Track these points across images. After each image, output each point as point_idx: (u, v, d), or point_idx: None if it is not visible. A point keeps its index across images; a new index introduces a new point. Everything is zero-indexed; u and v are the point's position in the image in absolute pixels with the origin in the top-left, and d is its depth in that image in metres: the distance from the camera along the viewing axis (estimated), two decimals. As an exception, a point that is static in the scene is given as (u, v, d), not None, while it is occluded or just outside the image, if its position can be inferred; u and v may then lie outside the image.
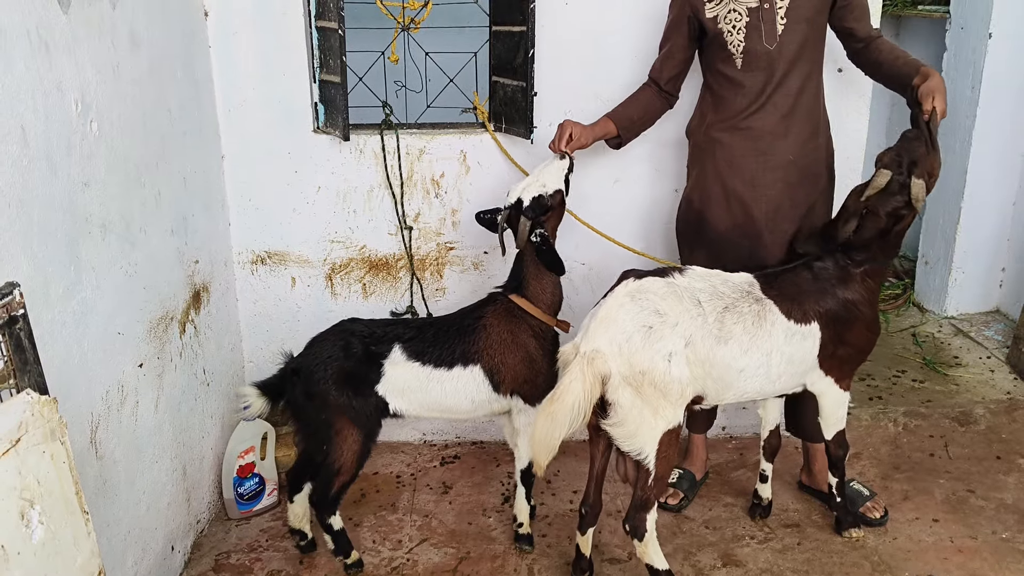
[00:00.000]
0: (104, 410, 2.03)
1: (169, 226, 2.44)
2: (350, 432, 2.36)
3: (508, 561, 2.54)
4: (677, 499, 2.78)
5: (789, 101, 2.44)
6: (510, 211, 2.44)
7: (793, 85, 2.43)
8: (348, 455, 2.37)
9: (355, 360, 2.35)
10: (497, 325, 2.44)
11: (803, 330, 2.30)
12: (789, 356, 2.29)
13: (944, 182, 4.12)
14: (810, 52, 2.43)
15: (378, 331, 2.42)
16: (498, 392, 2.45)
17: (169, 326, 2.42)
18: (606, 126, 2.61)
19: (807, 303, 2.31)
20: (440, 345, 2.41)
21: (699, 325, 2.14)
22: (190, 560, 2.54)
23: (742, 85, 2.44)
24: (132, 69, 2.19)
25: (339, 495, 2.42)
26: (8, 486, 1.10)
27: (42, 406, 1.15)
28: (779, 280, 2.34)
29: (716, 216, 2.54)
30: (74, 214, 1.90)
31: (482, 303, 2.52)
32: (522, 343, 2.44)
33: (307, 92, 2.87)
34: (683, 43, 2.53)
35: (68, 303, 1.87)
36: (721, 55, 2.45)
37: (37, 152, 1.75)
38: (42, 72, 1.77)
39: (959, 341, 3.93)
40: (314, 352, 2.39)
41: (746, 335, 2.21)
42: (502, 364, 2.43)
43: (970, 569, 2.45)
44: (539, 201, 2.42)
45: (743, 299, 2.24)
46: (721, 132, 2.50)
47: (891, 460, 3.04)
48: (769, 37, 2.38)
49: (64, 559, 1.20)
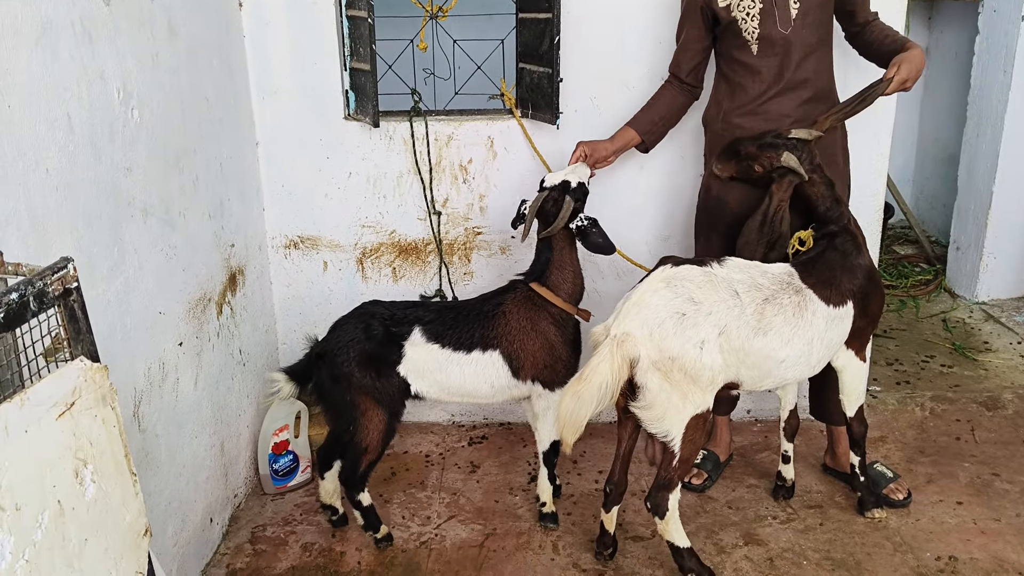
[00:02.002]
0: (146, 385, 2.12)
1: (207, 210, 2.52)
2: (375, 412, 2.43)
3: (533, 538, 2.60)
4: (701, 479, 2.82)
5: (806, 85, 2.46)
6: (552, 192, 2.48)
7: (809, 68, 2.45)
8: (374, 434, 2.44)
9: (376, 342, 2.41)
10: (516, 312, 2.48)
11: (840, 312, 2.34)
12: (829, 341, 2.33)
13: (975, 167, 4.09)
14: (823, 35, 2.46)
15: (399, 313, 2.47)
16: (517, 378, 2.49)
17: (207, 307, 2.51)
18: (626, 135, 2.67)
19: (842, 284, 2.35)
20: (460, 329, 2.45)
21: (735, 316, 2.16)
22: (228, 532, 2.64)
23: (758, 71, 2.47)
24: (170, 58, 2.28)
25: (367, 473, 2.50)
26: (64, 446, 1.18)
27: (94, 373, 1.23)
28: (816, 266, 2.36)
29: (735, 200, 2.56)
30: (117, 198, 1.99)
31: (503, 290, 2.57)
32: (542, 330, 2.48)
33: (338, 80, 2.94)
34: (698, 33, 2.55)
35: (112, 283, 1.96)
36: (736, 42, 2.48)
37: (82, 138, 1.83)
38: (86, 62, 1.85)
39: (989, 327, 3.90)
40: (337, 336, 2.45)
41: (787, 326, 2.23)
42: (521, 351, 2.47)
43: (992, 551, 2.46)
44: (581, 188, 2.49)
45: (783, 291, 2.26)
46: (740, 118, 2.53)
47: (916, 444, 3.05)
48: (783, 22, 2.40)
49: (114, 517, 1.28)
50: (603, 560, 2.47)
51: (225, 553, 2.54)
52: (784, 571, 2.41)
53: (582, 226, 2.46)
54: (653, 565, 2.46)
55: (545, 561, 2.49)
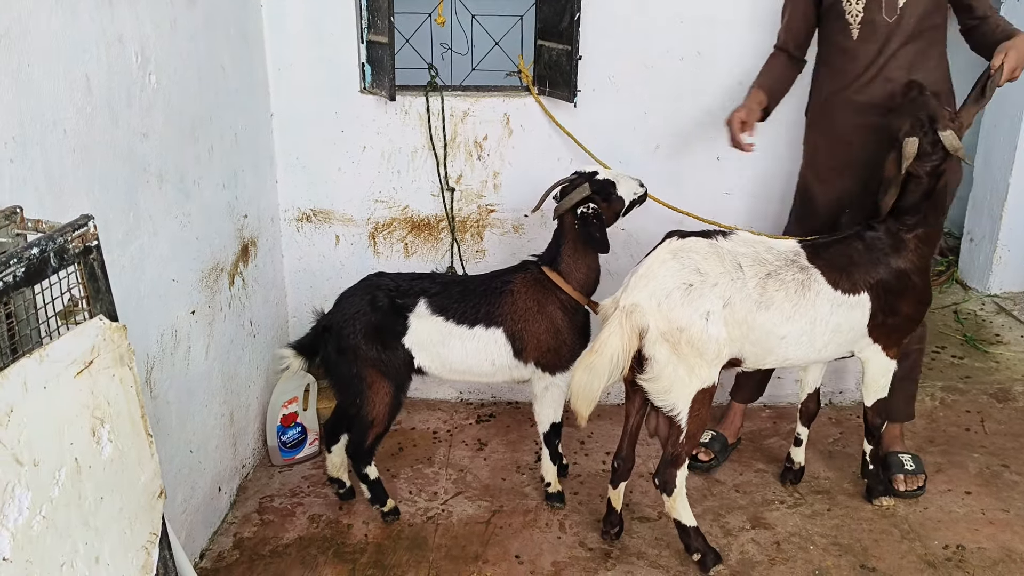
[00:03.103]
0: (159, 352, 2.12)
1: (221, 180, 2.51)
2: (381, 385, 2.42)
3: (540, 516, 2.60)
4: (708, 457, 2.82)
5: (901, 75, 2.42)
6: (579, 177, 2.47)
7: (905, 59, 2.42)
8: (380, 407, 2.43)
9: (381, 313, 2.40)
10: (523, 293, 2.46)
11: (851, 300, 2.31)
12: (835, 326, 2.30)
13: (991, 158, 4.05)
14: (930, 26, 2.41)
15: (404, 285, 2.45)
16: (519, 359, 2.47)
17: (219, 277, 2.51)
18: (758, 96, 2.59)
19: (857, 273, 2.32)
20: (465, 303, 2.44)
21: (738, 288, 2.17)
22: (236, 502, 2.65)
23: (855, 56, 2.45)
24: (188, 25, 2.26)
25: (373, 446, 2.50)
26: (82, 404, 1.18)
27: (112, 332, 1.23)
28: (828, 250, 2.34)
29: (823, 195, 2.59)
30: (133, 163, 1.98)
31: (513, 269, 2.55)
32: (548, 314, 2.45)
33: (355, 53, 2.91)
34: (804, 12, 2.55)
35: (127, 248, 1.95)
36: (837, 25, 2.46)
37: (100, 101, 1.82)
38: (105, 24, 1.83)
39: (1001, 319, 3.88)
40: (342, 308, 2.44)
41: (788, 303, 2.22)
42: (525, 331, 2.45)
43: (1000, 541, 2.46)
44: (608, 185, 2.45)
45: (787, 267, 2.26)
46: (831, 106, 2.52)
47: (926, 434, 3.04)
48: (889, 9, 2.38)
49: (130, 476, 1.28)
50: (609, 539, 2.47)
51: (233, 522, 2.55)
52: (791, 555, 2.41)
53: (585, 213, 2.42)
54: (659, 545, 2.46)
55: (552, 539, 2.49)
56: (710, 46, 2.88)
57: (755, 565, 2.38)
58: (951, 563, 2.37)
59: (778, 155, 2.96)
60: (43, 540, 1.11)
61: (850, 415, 3.17)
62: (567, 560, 2.40)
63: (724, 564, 2.36)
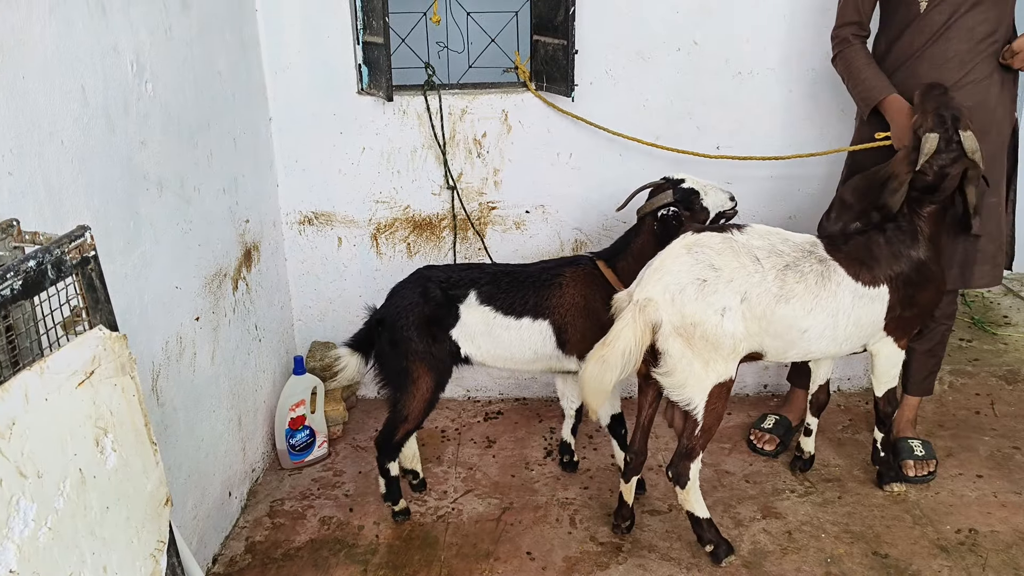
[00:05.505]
0: (164, 360, 2.12)
1: (221, 185, 2.51)
2: (424, 381, 2.44)
3: (550, 512, 2.60)
4: (773, 445, 2.82)
5: (965, 47, 2.38)
6: (668, 181, 2.49)
7: (973, 28, 2.37)
8: (418, 404, 2.45)
9: (434, 304, 2.42)
10: (573, 286, 2.47)
11: (871, 293, 2.29)
12: (857, 319, 2.28)
13: (997, 139, 4.02)
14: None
15: (455, 276, 2.48)
16: (563, 350, 2.48)
17: (223, 282, 2.51)
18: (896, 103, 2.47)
19: (877, 267, 2.29)
20: (514, 293, 2.45)
21: (756, 282, 2.15)
22: (246, 506, 2.65)
23: (919, 29, 2.40)
24: (183, 31, 2.26)
25: (401, 442, 2.51)
26: (84, 414, 1.18)
27: (113, 342, 1.23)
28: (848, 243, 2.32)
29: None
30: (132, 171, 1.98)
31: (566, 261, 2.57)
32: (595, 310, 2.44)
33: (351, 54, 2.91)
34: None
35: (129, 256, 1.95)
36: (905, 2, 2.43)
37: (96, 111, 1.82)
38: (99, 33, 1.83)
39: (1009, 301, 3.86)
40: (395, 301, 2.46)
41: (809, 294, 2.20)
42: (571, 325, 2.46)
43: (1013, 524, 2.45)
44: (694, 195, 2.46)
45: (805, 258, 2.23)
46: (896, 80, 2.46)
47: (936, 418, 3.03)
48: None
49: (135, 485, 1.29)
50: (620, 533, 2.47)
51: (244, 526, 2.56)
52: (802, 544, 2.41)
53: (666, 215, 2.45)
54: (671, 538, 2.46)
55: (562, 535, 2.49)
56: (705, 36, 2.86)
57: (767, 555, 2.37)
58: (964, 547, 2.36)
59: (775, 145, 2.95)
60: (49, 552, 1.12)
61: (859, 402, 3.16)
62: (578, 555, 2.40)
63: (736, 555, 2.35)
